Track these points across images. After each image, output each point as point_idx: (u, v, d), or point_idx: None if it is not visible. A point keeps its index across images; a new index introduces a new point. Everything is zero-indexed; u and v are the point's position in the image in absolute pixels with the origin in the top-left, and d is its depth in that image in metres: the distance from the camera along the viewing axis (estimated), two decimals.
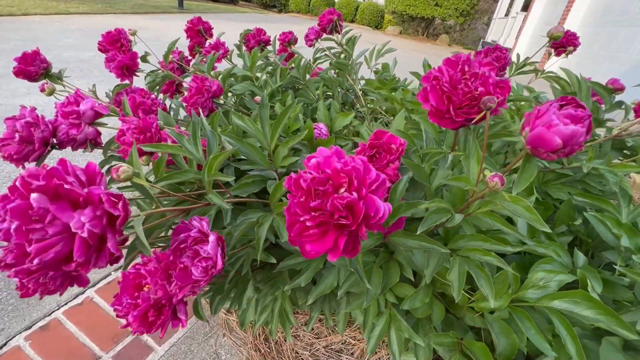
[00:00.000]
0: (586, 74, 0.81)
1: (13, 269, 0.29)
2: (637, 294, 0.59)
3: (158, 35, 4.69)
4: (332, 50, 1.31)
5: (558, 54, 1.01)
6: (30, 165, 0.46)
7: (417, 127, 0.82)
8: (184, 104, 0.80)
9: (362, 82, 1.34)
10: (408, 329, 0.53)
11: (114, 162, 0.79)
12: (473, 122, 0.39)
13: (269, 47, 1.26)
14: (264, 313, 0.62)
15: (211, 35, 1.27)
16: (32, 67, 0.76)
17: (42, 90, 0.76)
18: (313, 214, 0.28)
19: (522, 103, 0.80)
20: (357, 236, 0.30)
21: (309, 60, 1.33)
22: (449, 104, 0.39)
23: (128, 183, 0.41)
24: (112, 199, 0.32)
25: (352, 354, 0.84)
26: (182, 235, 0.40)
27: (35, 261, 0.28)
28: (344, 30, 1.23)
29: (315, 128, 0.79)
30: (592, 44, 4.68)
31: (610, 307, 0.50)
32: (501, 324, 0.56)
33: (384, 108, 1.18)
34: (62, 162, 0.32)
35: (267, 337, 0.89)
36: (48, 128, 0.59)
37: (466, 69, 0.39)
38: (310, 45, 1.27)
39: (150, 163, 0.58)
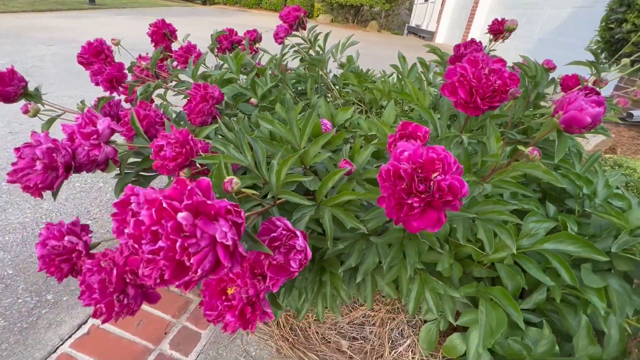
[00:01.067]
0: (500, 52, 0.98)
1: (175, 283, 0.31)
2: (595, 229, 0.76)
3: (76, 36, 4.20)
4: (301, 47, 1.36)
5: (496, 40, 1.18)
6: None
7: (407, 116, 0.92)
8: (185, 112, 0.80)
9: (331, 75, 1.41)
10: (443, 286, 0.63)
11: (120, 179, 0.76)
12: (497, 108, 0.48)
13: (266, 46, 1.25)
14: (306, 301, 0.67)
15: (176, 38, 1.23)
16: (11, 87, 0.69)
17: (26, 111, 0.71)
18: (422, 196, 0.35)
19: None
20: (444, 210, 0.37)
21: (276, 57, 1.36)
22: (476, 96, 0.48)
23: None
24: (236, 208, 0.35)
25: (374, 324, 0.93)
26: (272, 234, 0.44)
27: (198, 272, 0.31)
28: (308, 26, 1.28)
29: (324, 123, 0.85)
30: None
31: None
32: (507, 269, 0.69)
33: (358, 99, 1.27)
34: (182, 182, 0.34)
35: (292, 327, 0.94)
36: (68, 152, 0.56)
37: (483, 66, 0.49)
38: (280, 43, 1.29)
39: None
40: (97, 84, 0.80)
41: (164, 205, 0.30)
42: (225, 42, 1.19)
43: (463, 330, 0.83)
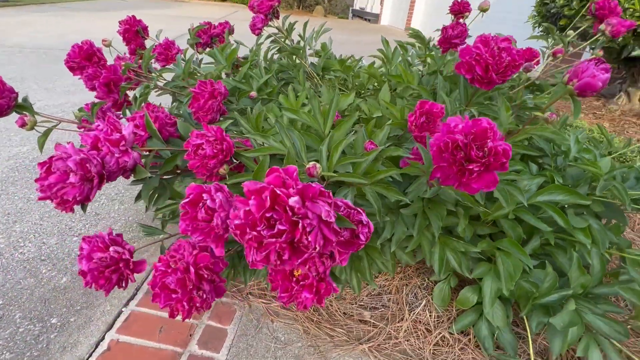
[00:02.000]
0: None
1: (296, 262, 0.34)
2: (570, 179, 0.89)
3: None
4: (274, 37, 1.36)
5: (457, 19, 1.28)
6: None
7: (400, 96, 0.98)
8: (190, 110, 0.79)
9: (308, 63, 1.43)
10: (464, 244, 0.71)
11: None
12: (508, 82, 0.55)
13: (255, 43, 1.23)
14: (345, 275, 0.72)
15: (148, 35, 1.17)
16: (2, 100, 0.63)
17: (22, 124, 0.66)
18: (483, 160, 0.40)
19: None
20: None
21: (253, 48, 1.35)
22: (491, 72, 0.55)
23: None
24: (326, 190, 0.38)
25: (390, 292, 1.01)
26: (340, 212, 0.47)
27: (316, 248, 0.34)
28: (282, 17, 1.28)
29: None
30: (442, 6, 5.57)
31: None
32: (509, 222, 0.79)
33: (341, 84, 1.31)
34: (276, 170, 0.36)
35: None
36: (99, 161, 0.54)
37: (494, 45, 0.55)
38: (258, 34, 1.29)
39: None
40: (92, 88, 0.75)
41: (278, 192, 0.33)
42: (205, 36, 1.16)
43: (470, 284, 0.93)
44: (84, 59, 0.75)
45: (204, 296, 0.46)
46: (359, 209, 0.49)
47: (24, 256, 1.13)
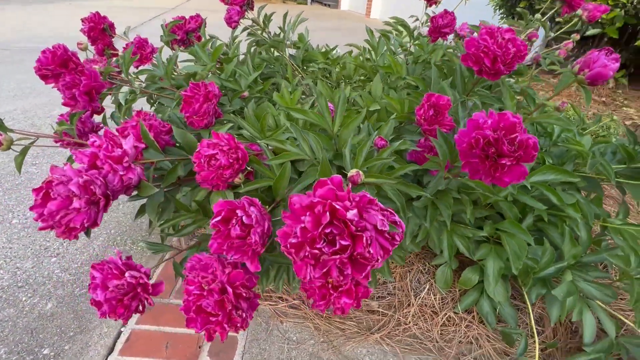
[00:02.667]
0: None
1: (360, 276, 0.33)
2: (555, 158, 0.94)
3: None
4: (250, 29, 1.30)
5: (430, 5, 1.30)
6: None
7: (392, 87, 0.99)
8: (184, 115, 0.74)
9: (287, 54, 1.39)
10: (472, 230, 0.74)
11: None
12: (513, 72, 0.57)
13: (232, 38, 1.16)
14: None
15: (115, 33, 1.08)
16: None
17: None
18: (515, 154, 0.41)
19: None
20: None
21: (230, 42, 1.30)
22: (498, 63, 0.56)
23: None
24: (372, 198, 0.37)
25: (394, 279, 1.03)
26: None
27: (379, 260, 0.33)
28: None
29: None
30: None
31: None
32: (506, 204, 0.83)
33: (324, 76, 1.29)
34: (324, 182, 0.35)
35: None
36: (102, 182, 0.50)
37: (499, 36, 0.56)
38: (234, 27, 1.23)
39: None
40: (71, 98, 0.68)
41: (336, 206, 0.32)
42: (180, 32, 1.09)
43: (469, 265, 0.97)
44: (58, 66, 0.67)
45: (243, 315, 0.44)
46: (391, 210, 0.49)
47: None
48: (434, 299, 0.98)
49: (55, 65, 0.65)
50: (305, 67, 1.35)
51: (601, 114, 1.94)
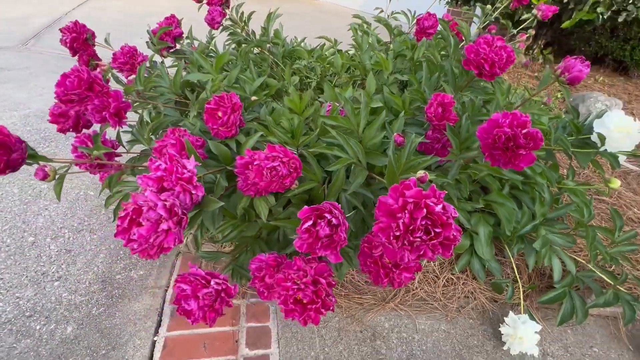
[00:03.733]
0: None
1: (448, 254, 0.43)
2: None
3: None
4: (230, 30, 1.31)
5: None
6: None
7: (383, 83, 1.08)
8: (209, 126, 0.77)
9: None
10: (470, 204, 0.88)
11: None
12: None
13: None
14: None
15: (95, 42, 1.04)
16: (17, 154, 0.55)
17: (44, 177, 0.58)
18: (531, 145, 0.54)
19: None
20: None
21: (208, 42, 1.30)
22: (495, 67, 0.68)
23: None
24: (441, 192, 0.47)
25: None
26: None
27: (457, 240, 0.43)
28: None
29: (330, 105, 0.93)
30: None
31: None
32: (490, 178, 0.99)
33: (310, 74, 1.35)
34: (411, 183, 0.44)
35: (340, 283, 1.10)
36: (178, 203, 0.53)
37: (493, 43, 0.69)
38: (217, 27, 1.23)
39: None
40: (101, 120, 0.67)
41: (429, 203, 0.41)
42: (169, 38, 1.07)
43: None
44: (86, 90, 0.65)
45: (332, 299, 0.52)
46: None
47: (0, 319, 0.98)
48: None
49: (83, 90, 0.64)
50: (286, 64, 1.39)
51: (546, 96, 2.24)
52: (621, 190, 1.48)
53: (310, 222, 0.49)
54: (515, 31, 1.01)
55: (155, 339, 0.96)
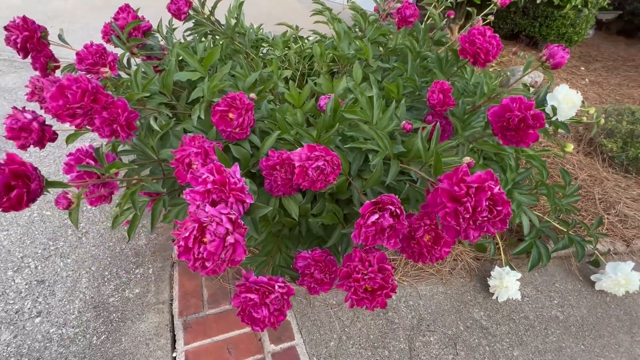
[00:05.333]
0: None
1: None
2: None
3: None
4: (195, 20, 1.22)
5: None
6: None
7: (369, 72, 1.12)
8: (221, 129, 0.74)
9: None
10: None
11: None
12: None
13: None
14: None
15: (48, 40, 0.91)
16: (35, 183, 0.48)
17: (68, 205, 0.52)
18: (537, 125, 0.63)
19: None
20: None
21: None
22: (490, 55, 0.76)
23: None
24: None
25: None
26: None
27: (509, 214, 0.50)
28: None
29: (328, 97, 0.93)
30: None
31: None
32: (470, 153, 1.11)
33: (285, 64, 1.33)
34: (463, 169, 0.49)
35: None
36: (234, 209, 0.52)
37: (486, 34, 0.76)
38: (184, 18, 1.15)
39: None
40: (111, 134, 0.60)
41: (492, 186, 0.47)
42: (138, 33, 0.96)
43: None
44: (91, 102, 0.57)
45: (395, 282, 0.57)
46: None
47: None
48: None
49: (88, 102, 0.57)
50: (259, 54, 1.35)
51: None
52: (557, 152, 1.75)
53: (376, 216, 0.52)
54: (479, 17, 1.12)
55: (174, 355, 0.92)
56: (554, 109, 0.90)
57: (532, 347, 1.03)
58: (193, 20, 1.20)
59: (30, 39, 0.82)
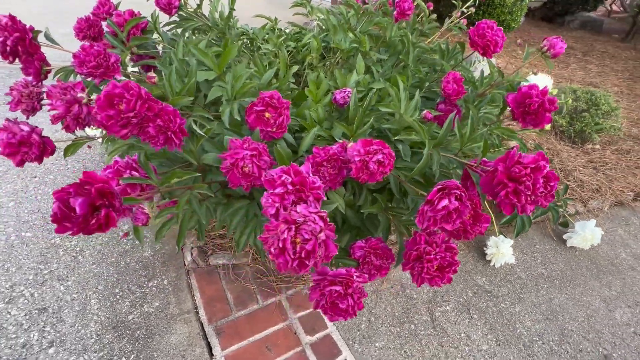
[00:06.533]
0: None
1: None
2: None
3: None
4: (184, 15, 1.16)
5: None
6: None
7: (371, 63, 1.16)
8: (260, 129, 0.74)
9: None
10: None
11: None
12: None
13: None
14: None
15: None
16: (117, 202, 0.45)
17: (146, 221, 0.50)
18: (552, 109, 0.72)
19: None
20: None
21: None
22: (498, 46, 0.85)
23: None
24: None
25: None
26: None
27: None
28: None
29: (344, 91, 0.95)
30: None
31: None
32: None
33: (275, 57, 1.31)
34: (514, 153, 0.56)
35: None
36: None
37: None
38: (174, 13, 1.09)
39: None
40: (165, 142, 0.56)
41: (545, 164, 0.54)
42: (138, 32, 0.89)
43: None
44: (147, 110, 0.52)
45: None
46: None
47: None
48: None
49: (142, 110, 0.53)
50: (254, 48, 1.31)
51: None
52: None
53: (445, 201, 0.57)
54: (464, 9, 1.21)
55: None
56: None
57: (528, 302, 1.18)
58: (176, 15, 1.14)
59: (21, 41, 0.73)
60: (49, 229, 1.16)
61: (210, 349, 0.93)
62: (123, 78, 0.91)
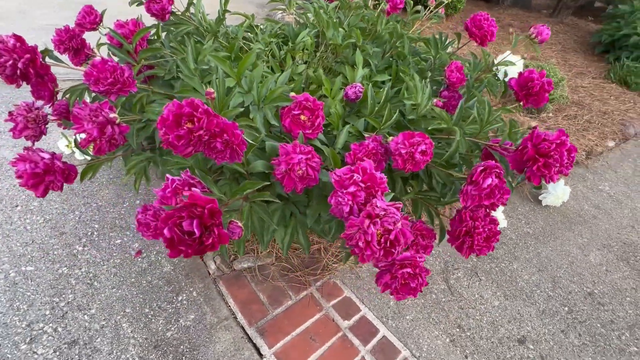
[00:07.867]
0: None
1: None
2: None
3: None
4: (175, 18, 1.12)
5: None
6: None
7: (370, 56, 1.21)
8: (298, 131, 0.76)
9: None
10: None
11: None
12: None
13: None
14: None
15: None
16: (212, 221, 0.46)
17: (240, 234, 0.52)
18: (550, 89, 0.82)
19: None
20: None
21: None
22: (493, 37, 0.94)
23: None
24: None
25: None
26: None
27: None
28: None
29: (354, 86, 0.99)
30: None
31: None
32: None
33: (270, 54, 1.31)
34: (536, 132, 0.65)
35: None
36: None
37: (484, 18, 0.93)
38: (167, 18, 1.06)
39: None
40: (230, 157, 0.57)
41: (567, 141, 0.64)
42: (144, 44, 0.85)
43: None
44: (215, 126, 0.51)
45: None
46: None
47: None
48: None
49: (212, 127, 0.53)
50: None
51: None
52: None
53: (489, 180, 0.65)
54: (446, 1, 1.29)
55: None
56: (505, 73, 1.15)
57: (522, 259, 1.34)
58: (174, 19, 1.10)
59: (31, 64, 0.67)
60: (50, 259, 1.09)
61: (257, 349, 0.95)
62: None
